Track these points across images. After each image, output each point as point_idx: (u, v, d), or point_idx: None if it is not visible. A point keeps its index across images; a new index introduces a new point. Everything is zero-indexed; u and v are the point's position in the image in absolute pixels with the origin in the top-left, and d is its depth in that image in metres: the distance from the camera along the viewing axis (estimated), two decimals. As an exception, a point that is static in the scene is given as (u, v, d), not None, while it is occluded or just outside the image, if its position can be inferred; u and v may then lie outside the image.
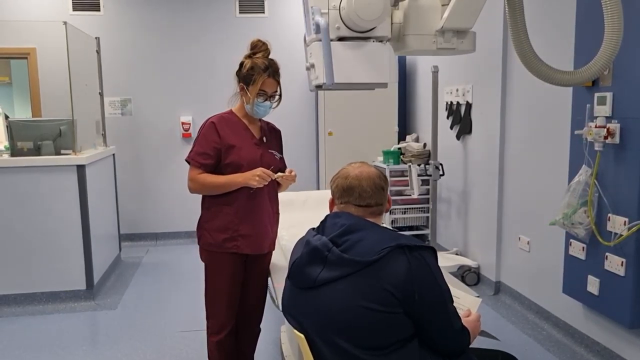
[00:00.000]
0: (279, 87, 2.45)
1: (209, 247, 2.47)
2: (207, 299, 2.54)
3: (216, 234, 2.44)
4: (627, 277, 2.69)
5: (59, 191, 4.04)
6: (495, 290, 4.17)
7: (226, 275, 2.47)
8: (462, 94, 4.59)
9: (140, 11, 5.80)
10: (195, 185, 2.42)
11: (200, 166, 2.40)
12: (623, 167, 2.69)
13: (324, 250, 1.56)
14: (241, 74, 2.41)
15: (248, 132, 2.48)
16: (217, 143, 2.40)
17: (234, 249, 2.44)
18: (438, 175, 4.66)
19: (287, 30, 5.87)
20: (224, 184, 2.39)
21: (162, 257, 5.53)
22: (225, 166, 2.41)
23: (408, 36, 1.93)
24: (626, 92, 2.66)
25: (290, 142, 6.34)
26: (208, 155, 2.39)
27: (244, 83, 2.40)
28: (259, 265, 2.60)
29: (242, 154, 2.41)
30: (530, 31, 1.94)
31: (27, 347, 3.44)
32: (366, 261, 1.49)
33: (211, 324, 2.54)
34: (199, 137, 2.44)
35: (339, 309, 1.52)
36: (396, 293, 1.47)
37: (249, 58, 2.40)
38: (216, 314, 2.52)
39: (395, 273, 1.48)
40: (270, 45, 2.45)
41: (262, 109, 2.43)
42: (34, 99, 5.66)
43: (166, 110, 5.95)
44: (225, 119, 2.47)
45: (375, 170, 1.74)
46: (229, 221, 2.43)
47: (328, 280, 1.54)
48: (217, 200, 2.44)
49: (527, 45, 1.96)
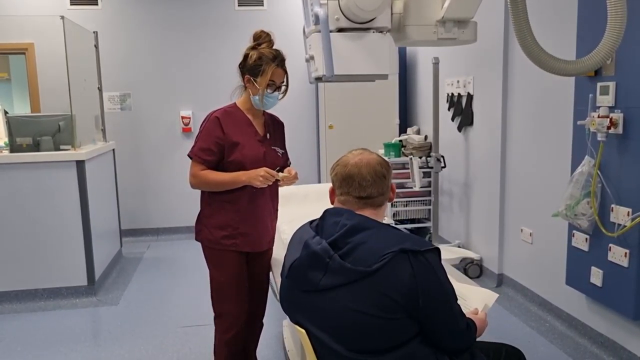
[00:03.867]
0: (287, 76, 2.41)
1: (208, 243, 2.44)
2: (214, 296, 2.50)
3: (215, 231, 2.41)
4: (630, 268, 2.68)
5: (58, 187, 4.03)
6: (497, 282, 4.16)
7: (230, 272, 2.44)
8: (463, 85, 4.56)
9: (139, 5, 5.76)
10: (197, 182, 2.38)
11: (203, 162, 2.35)
12: (626, 158, 2.67)
13: (324, 256, 1.50)
14: (247, 65, 2.35)
15: (252, 129, 2.43)
16: (221, 139, 2.34)
17: (233, 247, 2.41)
18: (439, 167, 4.64)
19: (286, 23, 5.82)
20: (227, 182, 2.34)
21: (164, 252, 5.52)
22: (228, 163, 2.36)
23: (408, 27, 1.90)
24: (629, 82, 2.63)
25: (291, 135, 6.31)
26: (211, 151, 2.34)
27: (251, 75, 2.34)
28: (260, 262, 2.58)
29: (245, 152, 2.36)
30: (532, 20, 1.91)
31: (29, 344, 3.44)
32: (368, 271, 1.44)
33: (220, 322, 2.50)
34: (202, 132, 2.38)
35: (338, 314, 1.49)
36: (399, 300, 1.43)
37: (253, 49, 2.35)
38: (224, 313, 2.48)
39: (399, 280, 1.43)
40: (273, 36, 2.41)
41: (271, 101, 2.39)
42: (32, 94, 5.64)
43: (166, 104, 5.93)
44: (230, 114, 2.41)
45: (376, 157, 1.66)
46: (230, 219, 2.40)
47: (330, 286, 1.50)
48: (220, 197, 2.40)
49: (529, 34, 1.93)
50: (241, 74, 2.40)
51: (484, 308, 1.84)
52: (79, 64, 4.57)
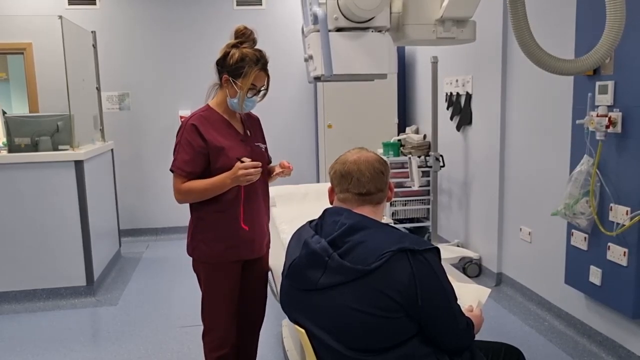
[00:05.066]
0: (268, 79, 2.25)
1: (207, 258, 2.28)
2: (205, 312, 2.37)
3: (214, 244, 2.26)
4: (629, 267, 2.68)
5: (57, 187, 4.02)
6: (497, 281, 4.16)
7: (227, 286, 2.31)
8: (462, 84, 4.56)
9: (137, 4, 5.76)
10: (182, 196, 2.22)
11: (187, 176, 2.18)
12: (625, 157, 2.67)
13: (324, 255, 1.51)
14: (227, 64, 2.18)
15: (232, 129, 2.28)
16: (204, 147, 2.17)
17: (236, 257, 2.29)
18: (438, 166, 4.64)
19: (285, 22, 5.82)
20: (213, 186, 2.17)
21: (163, 252, 5.52)
22: (217, 170, 2.19)
23: (407, 26, 1.91)
24: (628, 81, 2.63)
25: (290, 135, 6.37)
26: (194, 163, 2.18)
27: (231, 75, 2.18)
28: (258, 268, 2.46)
29: (232, 154, 2.19)
30: (530, 19, 1.91)
31: (28, 344, 3.43)
32: (367, 269, 1.44)
33: (211, 339, 2.36)
34: (181, 143, 2.19)
35: (338, 313, 1.49)
36: (399, 299, 1.44)
37: (235, 48, 2.20)
38: (216, 328, 2.34)
39: (398, 279, 1.44)
40: (256, 33, 2.25)
41: (249, 104, 2.24)
42: (31, 94, 5.63)
43: (165, 104, 5.92)
44: (206, 118, 2.23)
45: (374, 155, 1.68)
46: (227, 228, 2.25)
47: (329, 285, 1.50)
48: (210, 208, 2.24)
49: (528, 33, 1.93)
50: (218, 72, 2.25)
51: (478, 305, 1.85)
52: (77, 63, 4.56)
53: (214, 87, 2.32)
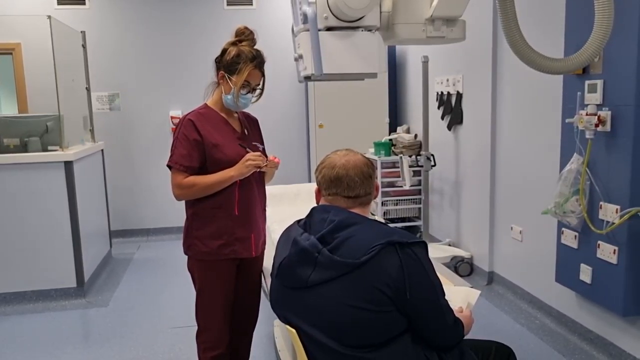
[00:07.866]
0: (263, 80, 2.28)
1: (203, 256, 2.26)
2: (200, 312, 2.34)
3: (210, 241, 2.25)
4: (619, 265, 2.69)
5: (46, 188, 3.99)
6: (488, 280, 4.17)
7: (222, 284, 2.29)
8: (452, 84, 4.57)
9: (126, 4, 5.73)
10: (182, 192, 2.21)
11: (185, 170, 2.18)
12: (614, 155, 2.68)
13: (313, 251, 1.52)
14: (224, 61, 2.22)
15: (229, 127, 2.29)
16: (199, 142, 2.19)
17: (232, 255, 2.27)
18: (429, 166, 4.65)
19: (276, 22, 5.82)
20: (217, 182, 2.18)
21: (154, 253, 5.49)
22: (212, 166, 2.21)
23: (397, 25, 1.91)
24: (617, 80, 2.65)
25: (281, 135, 6.36)
26: (192, 157, 2.18)
27: (227, 72, 2.21)
28: (254, 268, 2.44)
29: (227, 151, 2.21)
30: (520, 19, 1.91)
31: (18, 346, 3.40)
32: (357, 263, 1.45)
33: (205, 339, 2.33)
34: (179, 139, 2.20)
35: (329, 309, 1.49)
36: (388, 292, 1.45)
37: (233, 45, 2.23)
38: (211, 328, 2.32)
39: (387, 272, 1.45)
40: (257, 34, 2.28)
41: (243, 102, 2.25)
42: (20, 95, 5.59)
43: (155, 104, 5.89)
44: (203, 115, 2.26)
45: (361, 158, 1.69)
46: (223, 225, 2.24)
47: (319, 282, 1.51)
48: (206, 204, 2.24)
49: (518, 33, 1.93)
50: (216, 69, 2.28)
51: (468, 306, 1.86)
52: (67, 64, 4.53)
53: (212, 85, 2.35)
